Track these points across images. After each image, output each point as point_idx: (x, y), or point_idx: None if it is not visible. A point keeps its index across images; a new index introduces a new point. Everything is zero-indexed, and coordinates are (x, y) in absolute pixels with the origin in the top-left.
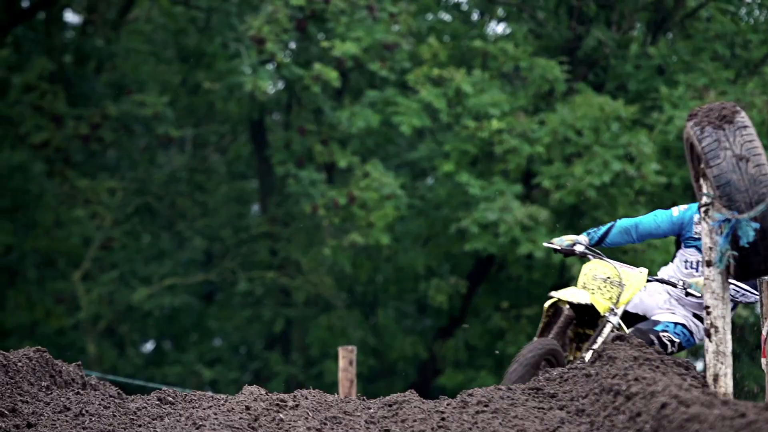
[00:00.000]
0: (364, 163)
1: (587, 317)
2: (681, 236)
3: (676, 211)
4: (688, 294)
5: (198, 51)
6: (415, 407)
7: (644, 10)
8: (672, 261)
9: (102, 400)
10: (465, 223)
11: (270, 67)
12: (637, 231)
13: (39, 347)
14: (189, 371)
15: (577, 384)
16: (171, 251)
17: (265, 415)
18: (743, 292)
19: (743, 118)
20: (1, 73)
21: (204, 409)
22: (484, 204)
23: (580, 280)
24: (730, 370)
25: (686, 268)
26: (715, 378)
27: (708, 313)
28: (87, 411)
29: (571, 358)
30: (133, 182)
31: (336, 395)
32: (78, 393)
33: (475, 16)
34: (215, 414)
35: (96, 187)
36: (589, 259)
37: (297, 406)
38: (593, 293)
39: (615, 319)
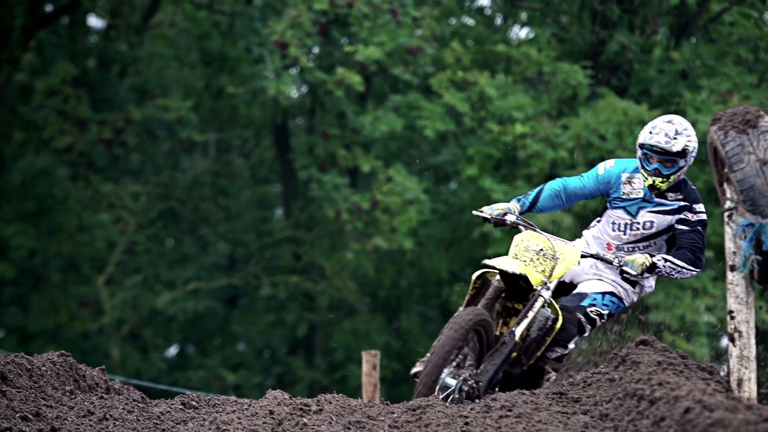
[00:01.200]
0: (388, 167)
1: (517, 290)
2: (608, 196)
3: (602, 168)
4: (623, 272)
5: (221, 55)
6: (438, 412)
7: (667, 15)
8: (598, 221)
9: (126, 404)
10: (488, 227)
11: (293, 71)
12: (565, 193)
13: (63, 351)
14: (212, 375)
15: (601, 388)
16: (194, 255)
17: (288, 420)
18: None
19: (767, 122)
20: (24, 78)
21: (228, 413)
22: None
23: (512, 251)
24: (754, 375)
25: (613, 230)
26: (739, 382)
27: (732, 318)
28: (111, 415)
29: (497, 333)
30: (157, 186)
31: (359, 400)
32: (102, 397)
33: (498, 21)
34: (239, 418)
35: (120, 192)
36: (520, 230)
37: (320, 410)
38: (526, 265)
39: (547, 294)
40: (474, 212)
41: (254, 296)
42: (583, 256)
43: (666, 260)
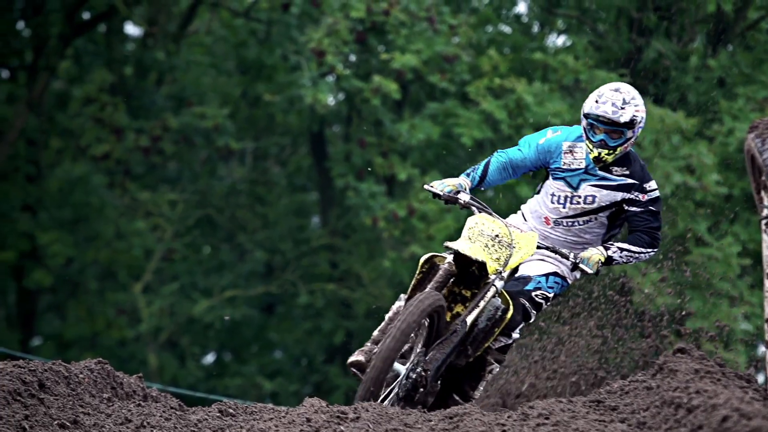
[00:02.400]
0: (424, 175)
1: (468, 276)
2: (548, 166)
3: (543, 138)
4: (575, 268)
5: (258, 63)
6: (475, 420)
7: (704, 22)
8: (537, 193)
9: (163, 411)
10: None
11: (330, 79)
12: (510, 165)
13: (100, 359)
14: (249, 383)
15: (638, 397)
16: (231, 263)
17: (325, 428)
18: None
19: None
20: (61, 86)
21: (265, 421)
22: None
23: (465, 235)
24: None
25: (552, 202)
26: None
27: None
28: (148, 423)
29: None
30: (194, 194)
31: (396, 408)
32: (139, 405)
33: (535, 28)
34: (276, 426)
35: (157, 200)
36: (473, 212)
37: (358, 418)
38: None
39: (500, 284)
40: (424, 186)
41: (291, 304)
42: (538, 247)
43: (621, 250)
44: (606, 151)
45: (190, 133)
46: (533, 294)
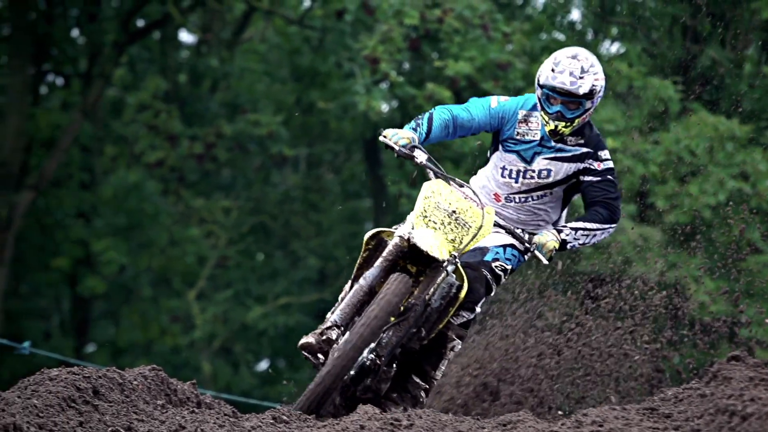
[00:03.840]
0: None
1: (419, 253)
2: (499, 135)
3: (495, 101)
4: (527, 252)
5: (312, 70)
6: (529, 427)
7: (759, 30)
8: (484, 164)
9: (217, 418)
10: None
11: (383, 86)
12: (453, 124)
13: (154, 365)
14: (303, 390)
15: (692, 404)
16: (285, 270)
17: None
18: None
19: None
20: (116, 93)
21: (318, 428)
22: None
23: (420, 205)
24: None
25: (503, 176)
26: None
27: None
28: (202, 430)
29: None
30: (248, 201)
31: (450, 414)
32: (193, 411)
33: (589, 36)
34: None
35: (211, 207)
36: (429, 176)
37: (411, 425)
38: (435, 229)
39: (451, 269)
40: (380, 138)
41: None
42: (494, 225)
43: (576, 230)
44: (563, 124)
45: (244, 140)
46: (493, 265)
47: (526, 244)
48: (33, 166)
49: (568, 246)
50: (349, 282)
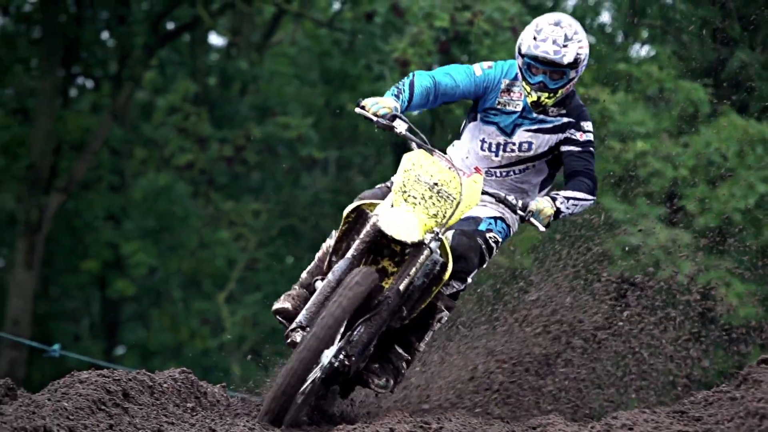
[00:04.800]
0: None
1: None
2: (479, 104)
3: (479, 69)
4: (524, 220)
5: (342, 73)
6: (559, 430)
7: None
8: (459, 135)
9: (247, 421)
10: (607, 246)
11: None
12: (435, 92)
13: (184, 368)
14: None
15: (722, 407)
16: None
17: None
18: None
19: None
20: (146, 96)
21: (347, 430)
22: (627, 227)
23: (400, 179)
24: None
25: (482, 149)
26: None
27: None
28: None
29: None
30: (278, 204)
31: (480, 417)
32: (223, 415)
33: (619, 38)
34: None
35: (240, 209)
36: (411, 147)
37: (441, 428)
38: (415, 204)
39: (435, 245)
40: (356, 110)
41: None
42: (483, 193)
43: (568, 199)
44: (546, 95)
45: (274, 143)
46: (487, 236)
47: (521, 212)
48: (63, 169)
49: (561, 215)
50: (324, 246)
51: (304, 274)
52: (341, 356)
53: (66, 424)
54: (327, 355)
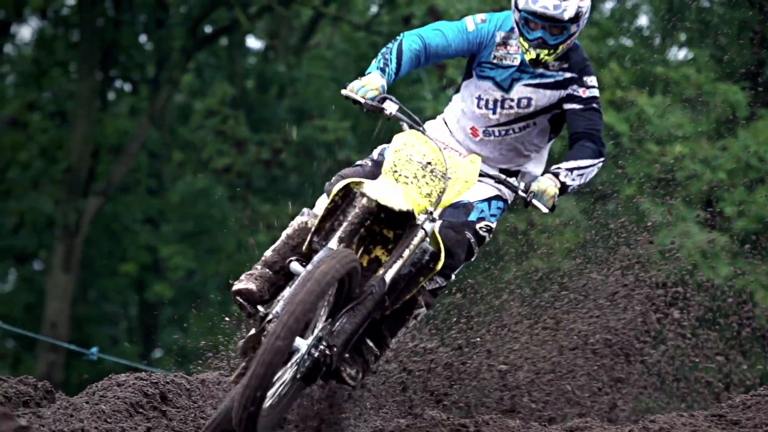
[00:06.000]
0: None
1: (391, 215)
2: (475, 60)
3: (472, 23)
4: (526, 203)
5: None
6: None
7: None
8: (457, 93)
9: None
10: (645, 249)
11: (450, 92)
12: (425, 53)
13: (221, 371)
14: None
15: (761, 411)
16: None
17: None
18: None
19: None
20: (183, 99)
21: None
22: (665, 230)
23: (390, 159)
24: None
25: (479, 107)
26: None
27: None
28: None
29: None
30: None
31: (516, 420)
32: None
33: (656, 41)
34: None
35: (278, 212)
36: (402, 128)
37: (478, 431)
38: (407, 184)
39: (430, 227)
40: (342, 92)
41: None
42: (481, 175)
43: (572, 170)
44: (545, 51)
45: (312, 146)
46: (477, 226)
47: (522, 193)
48: (101, 172)
49: (570, 189)
50: (306, 217)
51: (269, 252)
52: (322, 347)
53: (104, 427)
54: (303, 344)
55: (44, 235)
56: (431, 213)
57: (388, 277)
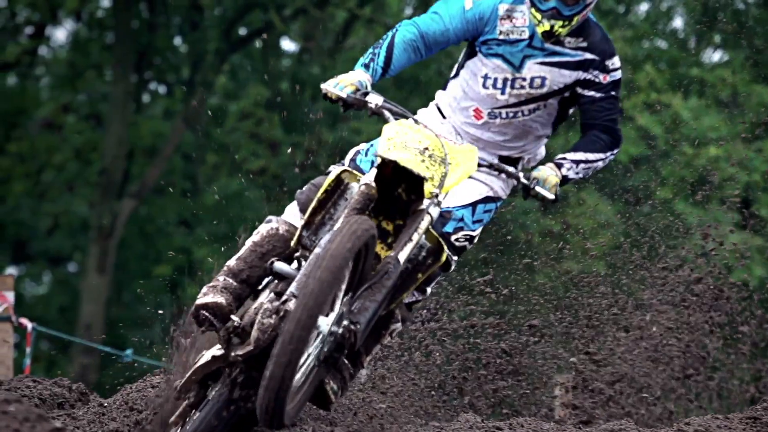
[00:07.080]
0: (579, 190)
1: (391, 203)
2: (477, 39)
3: (469, 1)
4: (527, 191)
5: (413, 78)
6: None
7: None
8: (456, 76)
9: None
10: (680, 251)
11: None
12: (424, 42)
13: None
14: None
15: None
16: None
17: None
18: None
19: None
20: (218, 101)
21: None
22: (699, 233)
23: (384, 146)
24: None
25: (485, 87)
26: None
27: None
28: None
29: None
30: None
31: (551, 423)
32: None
33: (691, 43)
34: None
35: None
36: (386, 119)
37: None
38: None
39: (436, 212)
40: (322, 88)
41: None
42: (479, 165)
43: (577, 163)
44: (560, 23)
45: (346, 148)
46: (453, 238)
47: (524, 181)
48: (135, 174)
49: (569, 181)
50: (273, 224)
51: (232, 261)
52: (345, 323)
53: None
54: (325, 324)
55: (79, 237)
56: (436, 196)
57: (401, 257)
